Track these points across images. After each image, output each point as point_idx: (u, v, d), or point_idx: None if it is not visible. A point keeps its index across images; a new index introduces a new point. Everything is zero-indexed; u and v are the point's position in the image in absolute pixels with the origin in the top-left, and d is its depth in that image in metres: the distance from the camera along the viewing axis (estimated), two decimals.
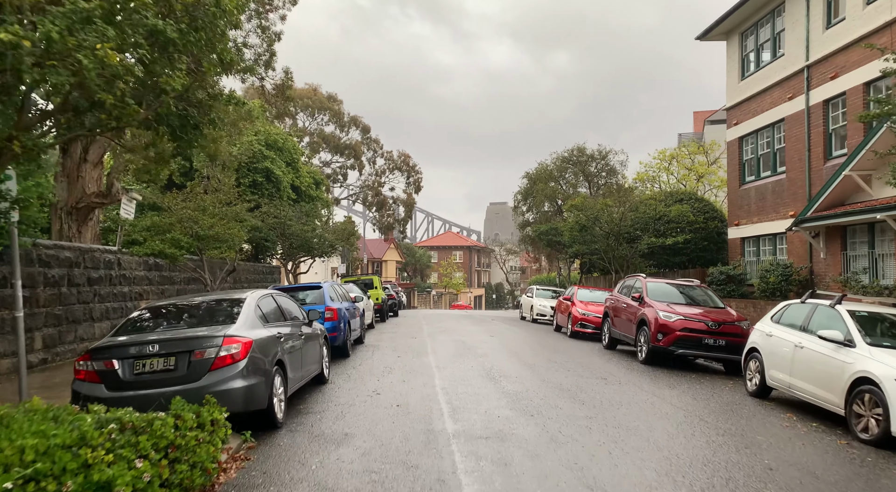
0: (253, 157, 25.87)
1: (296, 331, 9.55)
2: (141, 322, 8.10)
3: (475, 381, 11.35)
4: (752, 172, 23.51)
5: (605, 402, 9.76)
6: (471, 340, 19.01)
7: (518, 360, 14.37)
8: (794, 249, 20.48)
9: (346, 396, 10.05)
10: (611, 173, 41.81)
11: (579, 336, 20.80)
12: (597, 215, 26.93)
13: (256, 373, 7.59)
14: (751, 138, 23.57)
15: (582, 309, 21.06)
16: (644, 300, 15.30)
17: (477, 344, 17.69)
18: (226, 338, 7.39)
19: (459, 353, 15.47)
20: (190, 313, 8.35)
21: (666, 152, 42.85)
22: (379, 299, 28.03)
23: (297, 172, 29.74)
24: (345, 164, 66.52)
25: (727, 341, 13.57)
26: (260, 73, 18.19)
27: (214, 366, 7.24)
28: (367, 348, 16.51)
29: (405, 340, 18.64)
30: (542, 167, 41.84)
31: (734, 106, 24.57)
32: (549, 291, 32.72)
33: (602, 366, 13.83)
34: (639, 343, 14.87)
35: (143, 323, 8.08)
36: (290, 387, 8.85)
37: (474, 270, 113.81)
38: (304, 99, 64.20)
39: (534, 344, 18.25)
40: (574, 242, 30.64)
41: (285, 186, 26.99)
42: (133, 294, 16.70)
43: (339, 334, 14.15)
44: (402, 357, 14.65)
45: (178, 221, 13.25)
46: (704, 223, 27.50)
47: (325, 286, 14.54)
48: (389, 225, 69.81)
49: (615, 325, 17.07)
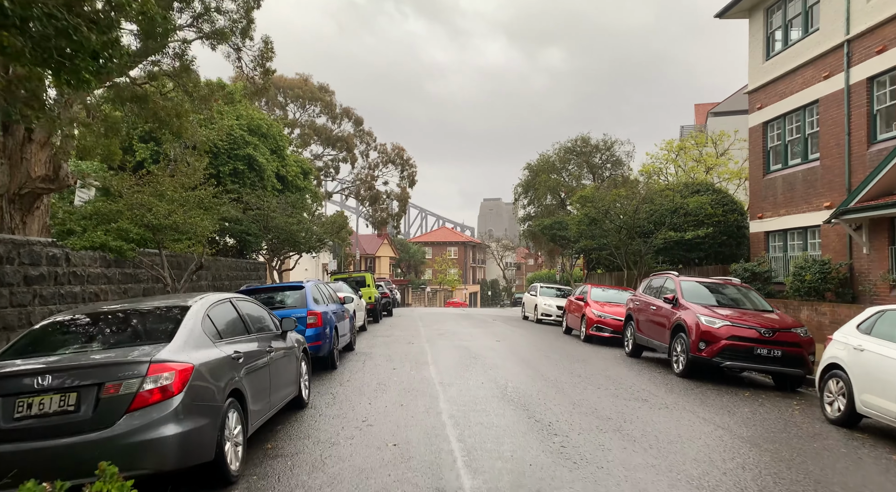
0: (233, 143, 23.60)
1: (263, 347, 7.38)
2: (40, 340, 5.89)
3: (490, 405, 9.19)
4: (778, 159, 21.43)
5: (661, 438, 7.62)
6: (475, 345, 16.87)
7: (535, 373, 12.22)
8: (830, 243, 18.42)
9: (329, 428, 7.88)
10: (616, 165, 39.73)
11: (595, 341, 18.67)
12: (608, 208, 24.79)
13: (199, 412, 5.43)
14: (777, 123, 21.46)
15: (597, 310, 18.93)
16: (679, 302, 13.17)
17: (483, 351, 15.55)
18: (153, 364, 5.21)
19: (465, 363, 13.31)
20: (111, 328, 6.14)
21: (673, 143, 40.85)
22: (372, 298, 25.85)
23: (283, 160, 27.48)
24: (337, 157, 64.22)
25: (784, 352, 11.44)
26: (236, 42, 15.92)
27: (135, 405, 5.06)
28: (358, 357, 14.33)
29: (401, 347, 16.47)
30: (544, 158, 39.69)
31: (757, 89, 22.46)
32: (554, 290, 30.64)
33: (634, 381, 11.70)
34: (674, 352, 12.75)
35: (43, 342, 5.87)
36: (252, 423, 6.68)
37: (469, 266, 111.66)
38: (295, 89, 61.88)
39: (547, 351, 16.11)
40: (581, 237, 28.52)
41: (269, 175, 24.74)
42: (87, 295, 14.42)
43: (323, 343, 11.97)
44: (399, 369, 12.49)
45: (128, 207, 11.00)
46: (724, 216, 25.42)
47: (307, 286, 12.35)
48: (383, 220, 67.59)
49: (641, 329, 14.95)
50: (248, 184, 23.52)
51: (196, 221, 11.48)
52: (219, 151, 23.14)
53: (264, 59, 16.11)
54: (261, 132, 26.09)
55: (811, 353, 11.65)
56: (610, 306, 19.25)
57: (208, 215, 12.23)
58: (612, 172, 39.65)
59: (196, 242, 12.73)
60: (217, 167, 23.10)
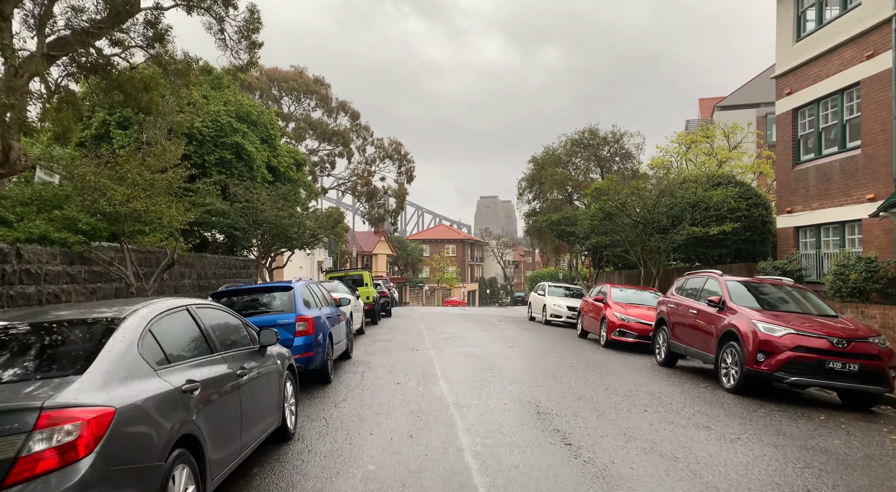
0: (220, 130, 21.71)
1: (233, 369, 5.57)
2: None
3: (522, 436, 7.37)
4: (810, 149, 19.68)
5: (752, 488, 5.82)
6: (486, 352, 15.07)
7: (565, 389, 10.41)
8: (874, 239, 16.67)
9: (321, 473, 6.06)
10: (625, 158, 37.92)
11: (617, 346, 16.89)
12: (625, 201, 22.98)
13: (123, 481, 3.61)
14: (809, 109, 19.69)
15: (620, 313, 17.13)
16: (728, 306, 11.38)
17: (496, 359, 13.74)
18: (46, 412, 3.39)
19: (480, 376, 11.49)
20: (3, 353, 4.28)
21: (685, 135, 39.13)
22: (370, 298, 24.03)
23: (275, 150, 25.59)
24: (333, 151, 62.38)
25: (861, 366, 9.65)
26: (218, 12, 14.05)
27: (11, 479, 3.25)
28: (355, 368, 12.50)
29: (404, 354, 14.66)
30: (550, 152, 37.85)
31: (786, 73, 20.67)
32: (562, 289, 28.90)
33: (683, 400, 9.90)
34: (723, 364, 10.96)
35: None
36: (214, 477, 4.87)
37: (467, 264, 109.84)
38: (289, 81, 60.08)
39: (568, 359, 14.31)
40: (593, 233, 26.72)
41: (259, 166, 22.86)
42: (45, 296, 12.55)
43: (315, 354, 10.15)
44: (404, 384, 10.68)
45: (78, 192, 9.09)
46: (748, 211, 23.62)
47: (296, 287, 10.50)
48: (380, 216, 65.74)
49: (677, 336, 13.15)
50: (235, 174, 21.64)
51: (161, 209, 9.60)
52: (204, 139, 21.26)
53: (250, 31, 14.26)
54: (250, 119, 24.20)
55: (892, 367, 9.86)
56: (633, 308, 17.46)
57: (180, 204, 10.35)
58: (620, 165, 37.85)
59: (168, 236, 10.88)
60: (202, 156, 21.22)
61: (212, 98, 23.09)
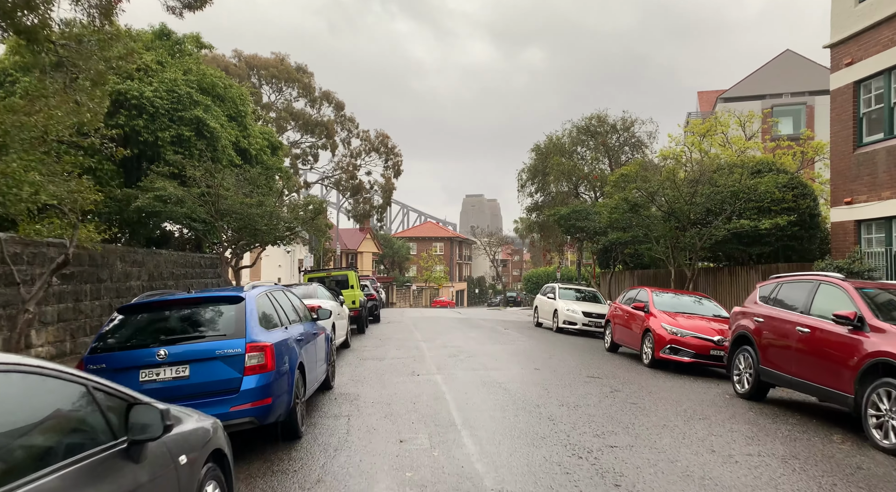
0: (177, 101, 17.99)
1: None
2: None
3: None
4: (875, 128, 16.48)
5: None
6: (510, 379, 11.55)
7: (655, 453, 6.92)
8: None
9: None
10: (635, 147, 34.58)
11: (667, 366, 13.48)
12: (657, 190, 19.58)
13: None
14: (875, 81, 16.42)
15: (670, 325, 13.67)
16: (869, 324, 7.95)
17: (529, 392, 10.23)
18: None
19: (519, 427, 7.95)
20: None
21: (700, 123, 35.95)
22: (357, 303, 20.44)
23: (245, 130, 21.90)
24: (315, 144, 58.58)
25: None
26: None
27: None
28: (338, 407, 8.92)
29: (402, 381, 11.11)
30: (554, 140, 34.41)
31: (845, 40, 17.37)
32: (573, 291, 25.52)
33: (828, 469, 6.45)
34: (872, 410, 7.53)
35: None
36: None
37: (455, 262, 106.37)
38: (270, 68, 56.30)
39: (623, 390, 10.83)
40: (613, 227, 23.33)
41: (225, 146, 19.16)
42: None
43: (276, 401, 6.53)
44: (410, 442, 7.13)
45: None
46: (794, 202, 20.29)
47: (249, 298, 6.85)
48: (366, 212, 62.06)
49: (773, 361, 9.69)
50: (196, 155, 17.94)
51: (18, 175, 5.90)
52: (157, 112, 17.54)
53: None
54: (215, 93, 20.52)
55: None
56: (684, 319, 14.00)
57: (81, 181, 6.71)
58: (630, 155, 34.54)
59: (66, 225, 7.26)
60: (154, 132, 17.51)
61: (169, 65, 19.37)
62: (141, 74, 18.04)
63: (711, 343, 12.90)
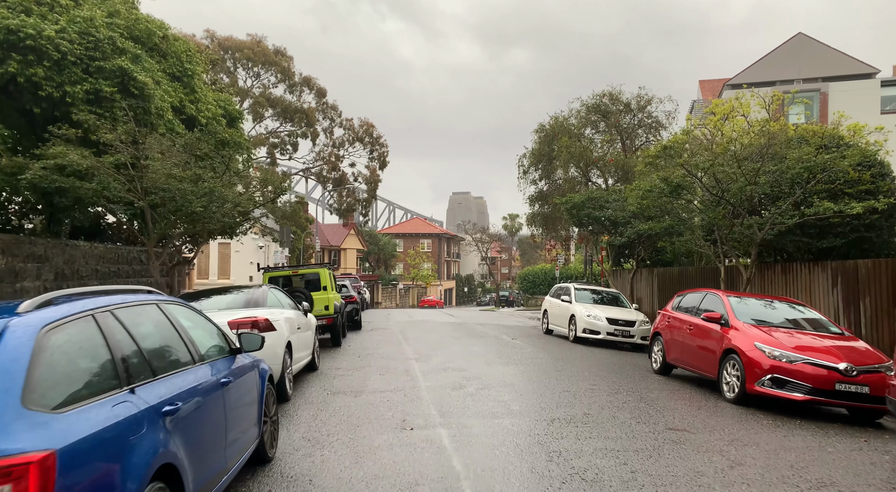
0: (94, 47, 13.68)
1: None
2: None
3: None
4: None
5: None
6: (554, 433, 7.45)
7: None
8: None
9: None
10: (650, 129, 30.59)
11: (766, 405, 9.40)
12: (709, 166, 15.53)
13: None
14: None
15: (768, 344, 9.52)
16: None
17: (593, 461, 6.16)
18: None
19: None
20: None
21: (722, 103, 32.05)
22: (331, 309, 16.22)
23: (194, 93, 17.57)
24: (295, 132, 54.05)
25: None
26: None
27: None
28: None
29: (388, 449, 6.94)
30: (560, 120, 30.32)
31: None
32: (588, 292, 21.56)
33: None
34: None
35: None
36: None
37: (444, 260, 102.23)
38: (245, 50, 51.76)
39: (724, 447, 6.76)
40: (642, 216, 19.30)
41: (162, 108, 14.86)
42: None
43: None
44: None
45: None
46: (872, 184, 16.29)
47: (14, 333, 2.77)
48: (350, 206, 57.60)
49: None
50: (119, 118, 13.65)
51: None
52: (64, 59, 13.20)
53: None
54: (152, 44, 16.23)
55: None
56: (786, 336, 9.84)
57: None
58: (644, 138, 30.57)
59: None
60: (61, 86, 13.18)
61: (87, 4, 15.03)
62: (44, 9, 13.71)
63: (836, 373, 8.82)
